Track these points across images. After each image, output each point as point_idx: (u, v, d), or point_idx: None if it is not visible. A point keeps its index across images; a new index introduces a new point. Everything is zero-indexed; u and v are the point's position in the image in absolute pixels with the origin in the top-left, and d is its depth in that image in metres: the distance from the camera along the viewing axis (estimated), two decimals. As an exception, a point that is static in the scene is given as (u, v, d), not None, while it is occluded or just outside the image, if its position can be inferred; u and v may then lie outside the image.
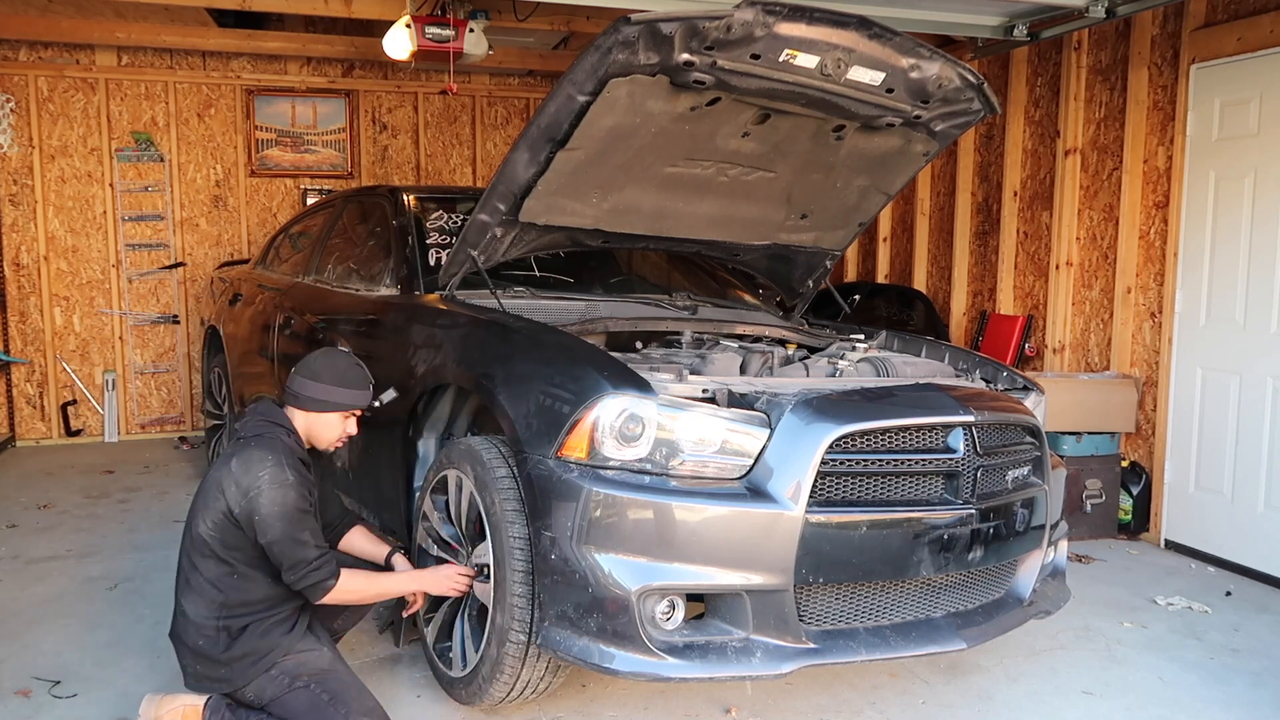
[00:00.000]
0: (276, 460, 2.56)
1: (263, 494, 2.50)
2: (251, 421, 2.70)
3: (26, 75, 6.76)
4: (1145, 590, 4.15)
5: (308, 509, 2.58)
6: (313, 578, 2.55)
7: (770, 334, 3.75)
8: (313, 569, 2.54)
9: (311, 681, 2.57)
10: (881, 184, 3.68)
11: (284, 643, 2.61)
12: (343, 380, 2.76)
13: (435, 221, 4.01)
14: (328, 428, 2.77)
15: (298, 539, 2.53)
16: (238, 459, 2.57)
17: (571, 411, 2.57)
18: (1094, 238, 5.17)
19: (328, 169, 7.54)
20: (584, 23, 5.76)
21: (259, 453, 2.57)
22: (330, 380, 2.74)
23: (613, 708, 2.99)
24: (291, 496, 2.52)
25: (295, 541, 2.52)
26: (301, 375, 2.75)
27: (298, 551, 2.53)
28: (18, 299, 6.91)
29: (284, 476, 2.53)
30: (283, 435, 2.66)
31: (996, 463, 2.85)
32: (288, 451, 2.62)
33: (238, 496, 2.52)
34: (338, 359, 2.83)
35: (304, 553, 2.54)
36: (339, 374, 2.76)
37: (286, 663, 2.59)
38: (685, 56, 2.75)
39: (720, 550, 2.49)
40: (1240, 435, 4.43)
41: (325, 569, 2.56)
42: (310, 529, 2.57)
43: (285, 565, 2.54)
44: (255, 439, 2.63)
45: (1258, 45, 4.28)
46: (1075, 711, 3.05)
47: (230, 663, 2.58)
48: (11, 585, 3.99)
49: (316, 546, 2.57)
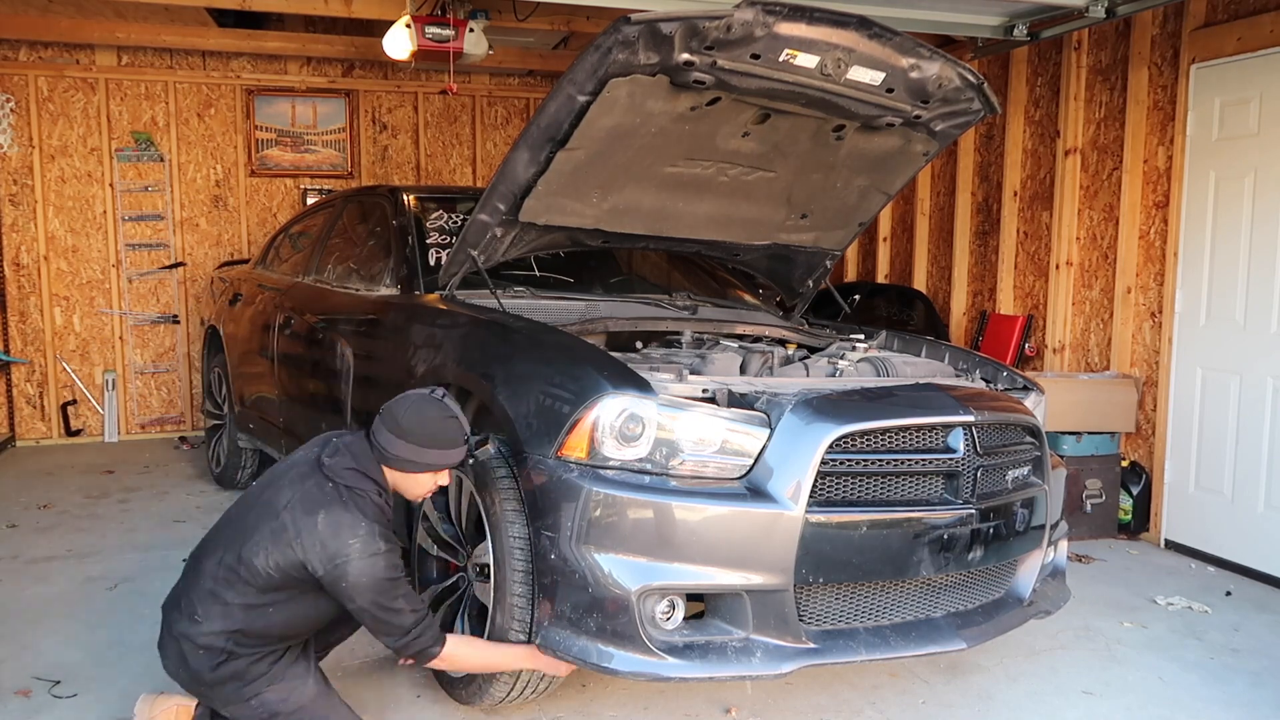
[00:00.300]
0: (369, 529, 2.38)
1: (351, 563, 2.33)
2: (342, 467, 2.47)
3: (26, 75, 6.76)
4: (1145, 590, 4.15)
5: (398, 575, 2.41)
6: (415, 646, 2.44)
7: (770, 334, 3.75)
8: (413, 638, 2.43)
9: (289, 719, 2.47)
10: (881, 184, 3.68)
11: (271, 671, 2.48)
12: (434, 439, 2.50)
13: (435, 221, 4.01)
14: (416, 484, 2.57)
15: (390, 607, 2.38)
16: (327, 516, 2.37)
17: (571, 411, 2.57)
18: (1094, 238, 5.17)
19: (328, 169, 7.54)
20: (584, 23, 5.76)
21: (350, 517, 2.38)
22: (419, 440, 2.49)
23: (613, 708, 2.99)
24: (381, 566, 2.36)
25: (388, 610, 2.38)
26: (387, 429, 2.49)
27: (392, 619, 2.40)
28: (18, 299, 6.91)
29: (375, 546, 2.36)
30: (374, 495, 2.47)
31: (996, 463, 2.85)
32: (379, 515, 2.45)
33: (323, 560, 2.34)
34: (428, 412, 2.51)
35: (399, 620, 2.40)
36: (429, 432, 2.49)
37: (268, 695, 2.47)
38: (685, 56, 2.75)
39: (720, 550, 2.49)
40: (1240, 435, 4.43)
41: (426, 636, 2.44)
42: (404, 594, 2.42)
43: (382, 634, 2.43)
44: (347, 495, 2.42)
45: (1258, 45, 4.28)
46: (1075, 711, 3.05)
47: (213, 684, 2.47)
48: (11, 585, 4.00)
49: (413, 611, 2.42)
